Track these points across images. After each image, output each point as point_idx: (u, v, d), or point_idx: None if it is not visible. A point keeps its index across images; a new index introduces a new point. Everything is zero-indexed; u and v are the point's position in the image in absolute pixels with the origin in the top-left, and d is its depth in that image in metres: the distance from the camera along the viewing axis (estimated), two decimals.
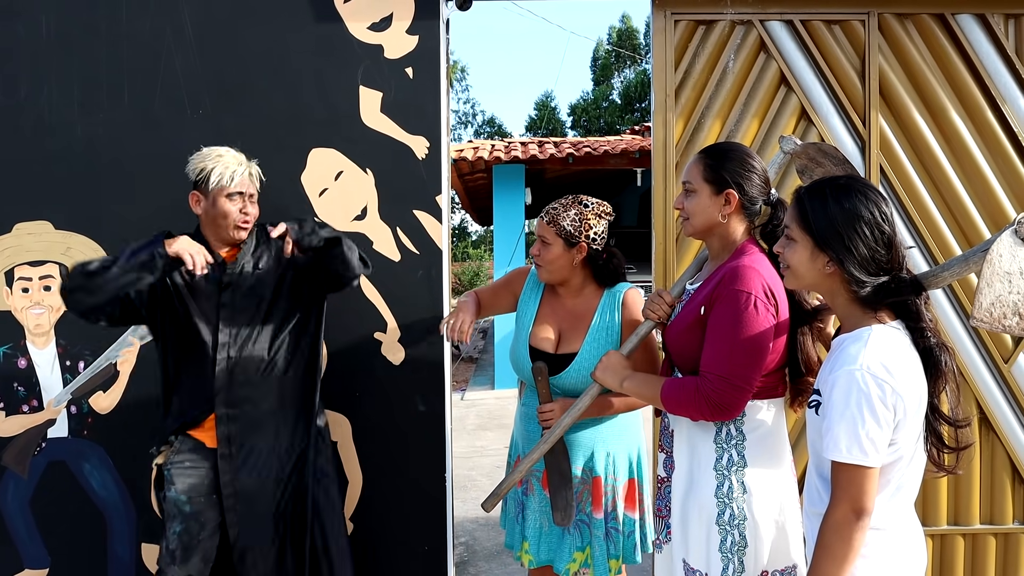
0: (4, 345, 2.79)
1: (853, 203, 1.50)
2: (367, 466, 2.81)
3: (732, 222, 1.83)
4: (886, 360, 1.44)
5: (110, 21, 2.77)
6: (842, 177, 1.62)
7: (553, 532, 2.37)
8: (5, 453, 2.80)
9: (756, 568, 1.72)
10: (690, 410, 1.73)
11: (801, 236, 1.55)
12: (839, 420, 1.43)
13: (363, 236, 2.78)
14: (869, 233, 1.49)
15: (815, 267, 1.54)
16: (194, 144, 2.73)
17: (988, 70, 2.94)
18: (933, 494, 2.98)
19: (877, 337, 1.47)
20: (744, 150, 1.89)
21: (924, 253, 2.95)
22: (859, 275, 1.48)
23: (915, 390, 1.47)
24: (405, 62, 2.77)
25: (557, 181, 10.74)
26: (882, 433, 1.42)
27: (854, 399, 1.42)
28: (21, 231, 2.78)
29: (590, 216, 2.34)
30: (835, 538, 1.43)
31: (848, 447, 1.41)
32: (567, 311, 2.42)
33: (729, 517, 1.72)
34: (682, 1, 2.91)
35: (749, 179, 1.81)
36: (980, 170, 2.95)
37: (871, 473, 1.42)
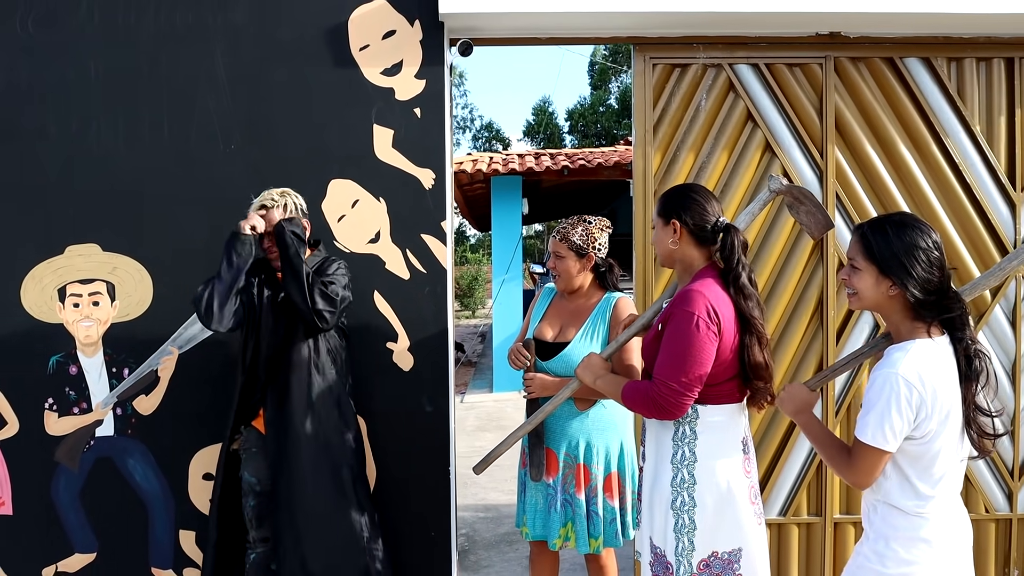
0: (57, 354, 3.13)
1: (912, 235, 1.78)
2: (380, 461, 3.16)
3: (685, 247, 2.14)
4: (920, 369, 1.71)
5: (151, 65, 3.11)
6: (897, 214, 1.92)
7: (544, 508, 2.75)
8: (58, 450, 3.14)
9: (706, 548, 2.03)
10: (641, 409, 2.07)
11: (866, 265, 1.84)
12: (872, 409, 1.73)
13: (376, 257, 3.13)
14: (926, 259, 1.76)
15: (879, 291, 1.82)
16: (226, 175, 3.10)
17: (933, 108, 3.29)
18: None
19: (918, 349, 1.75)
20: (689, 187, 2.21)
21: None
22: (919, 295, 1.77)
23: (945, 396, 1.75)
24: (414, 103, 3.12)
25: (554, 191, 11.10)
26: (903, 427, 1.72)
27: (886, 395, 1.71)
28: (72, 252, 3.13)
29: (594, 230, 2.78)
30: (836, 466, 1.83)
31: (874, 433, 1.72)
32: (569, 310, 2.85)
33: (680, 503, 2.05)
34: (659, 47, 3.26)
35: (690, 209, 2.12)
36: (926, 197, 3.30)
37: (884, 456, 1.74)
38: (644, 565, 2.16)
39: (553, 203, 12.56)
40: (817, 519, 3.32)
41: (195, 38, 3.10)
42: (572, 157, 9.18)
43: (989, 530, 3.38)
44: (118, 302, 3.13)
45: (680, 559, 2.03)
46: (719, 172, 3.29)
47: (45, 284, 3.12)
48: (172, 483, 3.15)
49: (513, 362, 2.79)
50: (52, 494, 3.13)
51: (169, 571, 3.16)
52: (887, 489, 1.80)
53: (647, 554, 2.15)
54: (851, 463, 1.79)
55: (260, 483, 2.76)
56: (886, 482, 1.80)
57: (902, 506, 1.78)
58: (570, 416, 2.72)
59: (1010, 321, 3.34)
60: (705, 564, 2.03)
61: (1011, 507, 3.37)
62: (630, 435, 2.80)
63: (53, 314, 3.12)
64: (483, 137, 34.95)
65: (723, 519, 2.04)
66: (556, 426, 2.73)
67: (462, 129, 35.70)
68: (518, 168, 8.96)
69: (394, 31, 3.10)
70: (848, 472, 1.81)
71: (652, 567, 2.12)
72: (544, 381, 2.71)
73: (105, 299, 3.13)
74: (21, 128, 3.09)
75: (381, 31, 3.10)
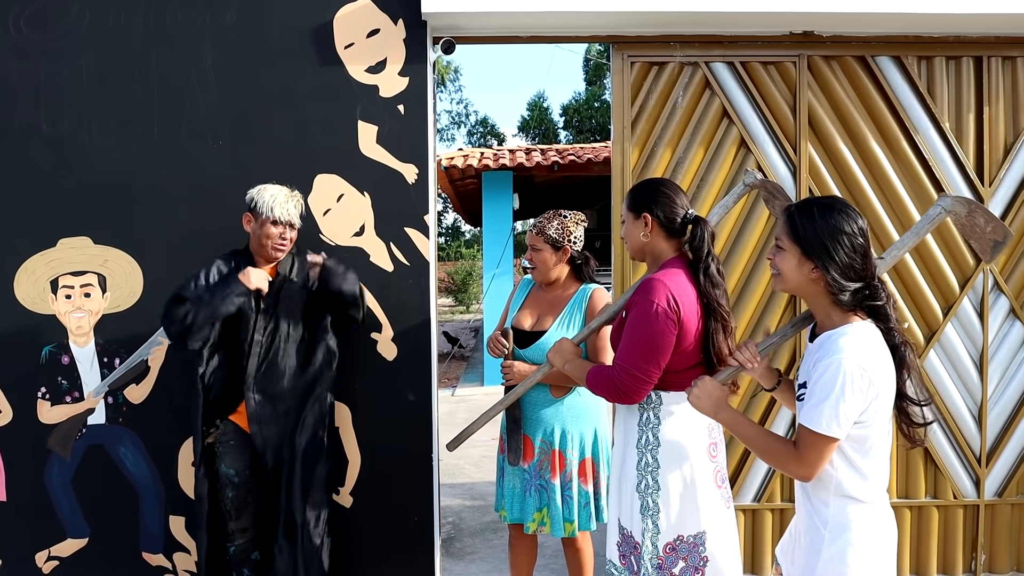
0: (50, 344, 3.21)
1: (837, 219, 1.75)
2: (365, 448, 3.25)
3: (656, 240, 2.22)
4: (866, 351, 1.68)
5: (142, 64, 3.19)
6: (826, 197, 1.89)
7: (520, 493, 2.85)
8: (50, 438, 3.22)
9: (670, 531, 2.09)
10: (603, 392, 2.15)
11: (790, 246, 1.83)
12: (824, 399, 1.67)
13: (361, 250, 3.22)
14: (849, 244, 1.73)
15: (802, 273, 1.78)
16: (215, 171, 3.18)
17: (903, 105, 3.39)
18: None
19: (857, 333, 1.71)
20: (658, 181, 2.28)
21: None
22: (840, 280, 1.73)
23: (888, 378, 1.76)
24: (397, 100, 3.20)
25: (545, 186, 11.17)
26: (855, 413, 1.71)
27: (840, 383, 1.66)
28: (64, 245, 3.21)
29: (570, 224, 2.87)
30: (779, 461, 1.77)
31: (828, 422, 1.66)
32: (546, 301, 2.94)
33: (644, 487, 2.12)
34: (637, 45, 3.35)
35: (660, 202, 2.19)
36: (897, 192, 3.40)
37: (834, 444, 1.72)
38: (612, 545, 2.25)
39: (545, 198, 12.64)
40: (790, 505, 3.42)
41: (185, 37, 3.18)
42: (563, 153, 9.26)
43: (957, 516, 3.49)
44: (109, 293, 3.21)
45: (645, 540, 2.10)
46: (695, 167, 3.38)
47: (38, 276, 3.20)
48: (162, 470, 3.23)
49: (492, 350, 2.90)
50: (45, 481, 3.21)
51: (159, 555, 3.25)
52: (838, 480, 1.77)
53: (615, 534, 2.23)
54: (800, 455, 1.73)
55: (238, 475, 2.81)
56: (836, 473, 1.76)
57: (855, 494, 1.75)
58: (546, 404, 2.81)
59: (978, 313, 3.43)
60: (671, 547, 2.09)
61: (978, 493, 3.47)
62: (604, 422, 2.89)
63: (46, 305, 3.20)
64: (478, 132, 34.98)
65: (686, 503, 2.10)
66: (532, 414, 2.82)
67: (457, 124, 35.71)
68: (509, 164, 9.04)
69: (378, 30, 3.18)
70: (796, 464, 1.75)
71: (620, 547, 2.20)
72: (521, 368, 2.80)
73: (96, 291, 3.21)
74: (14, 125, 3.17)
75: (365, 30, 3.18)
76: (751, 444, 1.85)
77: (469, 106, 43.81)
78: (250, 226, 2.88)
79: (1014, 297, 3.43)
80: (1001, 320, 3.45)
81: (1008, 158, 3.40)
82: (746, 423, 1.87)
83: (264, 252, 2.86)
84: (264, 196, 2.83)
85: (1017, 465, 3.47)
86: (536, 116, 31.70)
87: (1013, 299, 3.43)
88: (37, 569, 3.23)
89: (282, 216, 2.82)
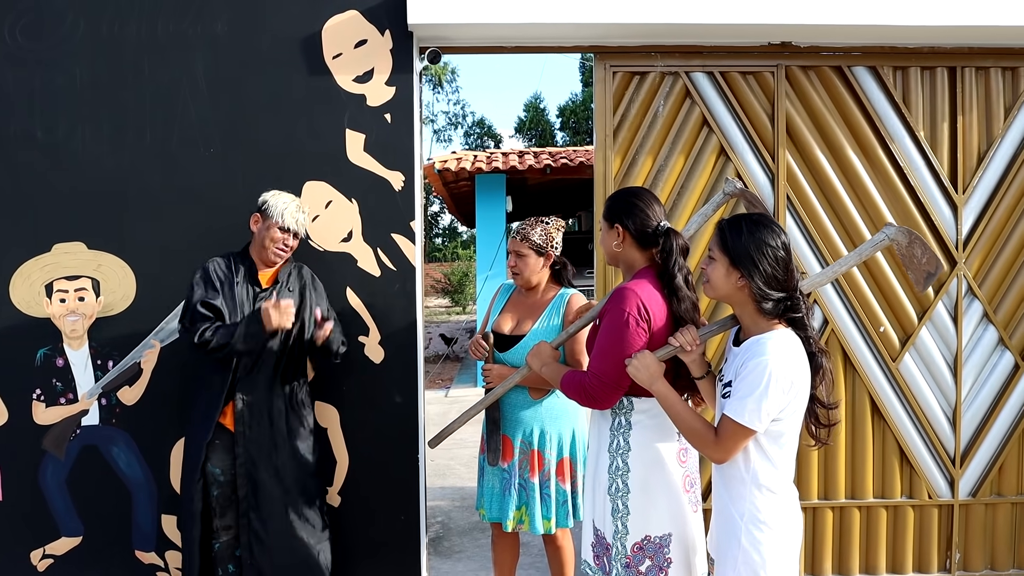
0: (44, 347, 3.29)
1: (762, 233, 1.93)
2: (352, 449, 3.32)
3: (629, 250, 2.29)
4: (789, 356, 1.90)
5: (135, 72, 3.26)
6: (756, 213, 2.07)
7: (499, 492, 2.94)
8: (45, 438, 3.29)
9: (639, 531, 2.17)
10: (576, 397, 2.22)
11: (720, 256, 2.00)
12: (749, 394, 1.86)
13: (349, 255, 3.29)
14: (772, 257, 1.91)
15: (729, 281, 1.98)
16: (206, 177, 3.26)
17: (879, 114, 3.47)
18: (833, 470, 3.52)
19: (781, 338, 1.91)
20: (632, 192, 2.34)
21: (823, 267, 3.47)
22: (764, 289, 1.93)
23: (805, 381, 1.94)
24: (384, 109, 3.28)
25: (539, 188, 11.25)
26: (774, 410, 1.88)
27: (764, 381, 1.84)
28: (59, 250, 3.28)
29: (552, 230, 2.96)
30: (699, 441, 1.97)
31: (750, 416, 1.86)
32: (526, 305, 3.03)
33: (615, 490, 2.20)
34: (619, 55, 3.43)
35: (632, 214, 2.26)
36: (873, 199, 3.48)
37: (750, 435, 1.90)
38: (587, 545, 2.32)
39: (539, 201, 12.72)
40: (851, 502, 3.53)
41: (177, 47, 3.25)
42: (556, 156, 9.34)
43: (932, 515, 3.57)
44: (103, 297, 3.29)
45: (616, 542, 2.18)
46: (676, 175, 3.46)
47: (33, 280, 3.27)
48: (154, 470, 3.30)
49: (473, 352, 2.97)
50: (39, 481, 3.29)
51: (152, 554, 3.32)
52: (754, 471, 1.94)
53: (589, 535, 2.31)
54: (718, 440, 1.93)
55: (223, 473, 2.88)
56: (753, 464, 1.94)
57: (768, 484, 1.94)
58: (525, 405, 2.89)
59: (952, 317, 3.52)
60: (638, 547, 2.17)
61: (953, 493, 3.56)
62: (582, 422, 2.97)
63: (40, 309, 3.28)
64: (474, 134, 35.04)
65: (654, 505, 2.17)
66: (512, 414, 2.91)
67: (453, 125, 35.78)
68: (502, 167, 9.12)
69: (365, 40, 3.26)
70: (712, 448, 1.94)
71: (594, 548, 2.28)
72: (501, 371, 2.88)
73: (90, 294, 3.28)
74: (9, 133, 3.24)
75: (353, 40, 3.26)
76: (677, 420, 2.03)
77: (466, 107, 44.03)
78: (256, 226, 2.96)
79: (987, 301, 3.51)
80: (975, 324, 3.54)
81: (981, 166, 3.49)
82: (677, 400, 2.05)
83: (264, 255, 2.95)
84: (277, 201, 2.93)
85: (991, 466, 3.56)
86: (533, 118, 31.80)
87: (986, 303, 3.51)
88: (32, 567, 3.31)
89: (290, 224, 2.92)
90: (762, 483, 1.94)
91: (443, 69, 35.15)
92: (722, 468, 2.03)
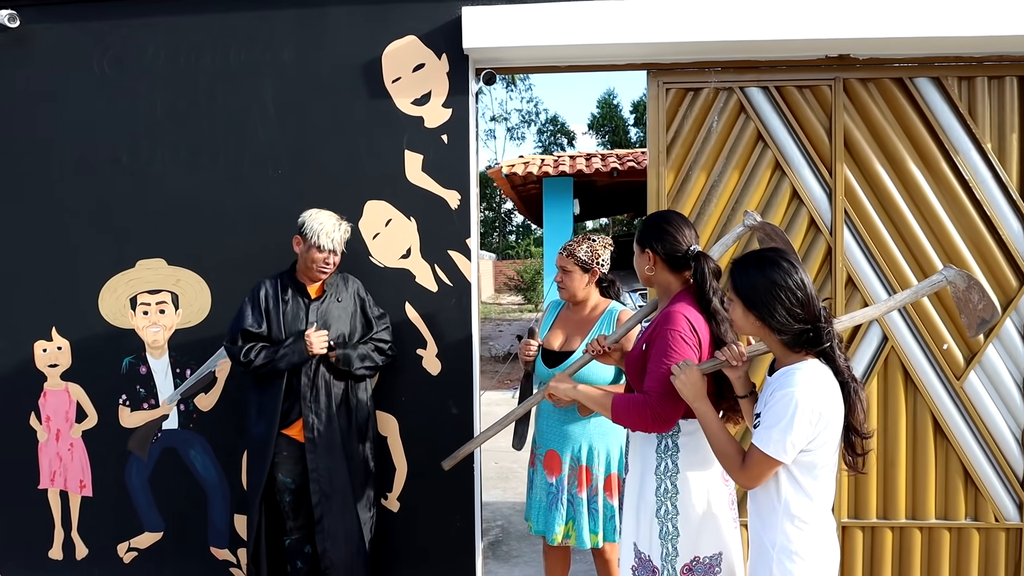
0: (129, 356, 3.54)
1: (770, 273, 1.91)
2: (411, 457, 3.47)
3: (661, 273, 2.33)
4: (817, 387, 1.91)
5: (208, 99, 3.48)
6: (768, 249, 2.06)
7: (545, 506, 3.02)
8: (130, 440, 3.55)
9: (688, 553, 2.21)
10: (635, 421, 2.21)
11: (735, 298, 2.03)
12: (775, 424, 1.87)
13: (408, 271, 3.43)
14: (785, 297, 1.90)
15: (748, 321, 2.01)
16: (273, 197, 3.44)
17: (943, 126, 3.38)
18: (892, 489, 3.45)
19: (809, 370, 1.93)
20: (664, 217, 2.37)
21: (885, 286, 3.42)
22: (781, 328, 1.94)
23: (836, 412, 1.94)
24: (441, 130, 3.40)
25: (607, 189, 11.25)
26: (802, 442, 1.90)
27: (790, 413, 1.85)
28: (141, 266, 3.53)
29: (598, 248, 3.03)
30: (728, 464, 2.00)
31: (776, 447, 1.89)
32: (575, 321, 3.09)
33: (664, 512, 2.23)
34: (673, 72, 3.45)
35: (662, 239, 2.30)
36: (936, 214, 3.39)
37: (776, 466, 1.92)
38: (626, 570, 2.37)
39: (607, 202, 12.70)
40: (913, 522, 3.47)
41: (247, 74, 3.45)
42: (623, 159, 9.33)
43: (999, 539, 3.46)
44: (181, 310, 3.52)
45: (665, 564, 2.22)
46: (730, 191, 3.46)
47: (119, 294, 3.53)
48: (228, 472, 3.52)
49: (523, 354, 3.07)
50: (125, 479, 3.55)
51: (225, 550, 3.55)
52: (786, 501, 1.95)
53: (630, 559, 2.35)
54: (745, 467, 1.95)
55: (294, 482, 3.09)
56: (785, 495, 1.95)
57: (801, 515, 1.94)
58: (574, 421, 2.97)
59: (1021, 335, 3.40)
60: (688, 568, 2.21)
61: (1021, 516, 3.44)
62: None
63: (126, 320, 3.53)
64: (547, 131, 35.15)
65: (704, 526, 2.21)
66: (560, 431, 2.98)
67: (527, 123, 35.97)
68: (568, 170, 9.17)
69: (423, 64, 3.38)
70: (739, 473, 1.96)
71: (635, 572, 2.32)
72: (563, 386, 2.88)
73: (170, 307, 3.52)
74: (97, 158, 3.51)
75: (412, 64, 3.39)
76: (712, 440, 2.05)
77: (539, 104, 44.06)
78: (299, 248, 3.13)
79: None
80: None
81: None
82: (716, 419, 2.07)
83: (309, 273, 3.13)
84: (314, 224, 3.07)
85: None
86: (605, 114, 31.65)
87: None
88: (119, 559, 3.58)
89: (327, 244, 3.07)
90: (794, 513, 1.95)
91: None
92: (755, 496, 2.05)
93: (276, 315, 3.09)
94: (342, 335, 3.13)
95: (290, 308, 3.11)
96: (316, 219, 3.09)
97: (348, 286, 3.24)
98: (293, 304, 3.12)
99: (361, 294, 3.26)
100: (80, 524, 3.59)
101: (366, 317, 3.24)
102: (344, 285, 3.23)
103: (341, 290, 3.21)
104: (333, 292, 3.18)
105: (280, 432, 3.07)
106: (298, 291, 3.15)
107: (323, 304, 3.14)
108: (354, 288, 3.26)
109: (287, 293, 3.13)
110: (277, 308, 3.10)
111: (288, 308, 3.11)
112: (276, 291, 3.13)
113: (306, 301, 3.14)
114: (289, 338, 3.03)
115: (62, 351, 3.56)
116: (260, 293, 3.12)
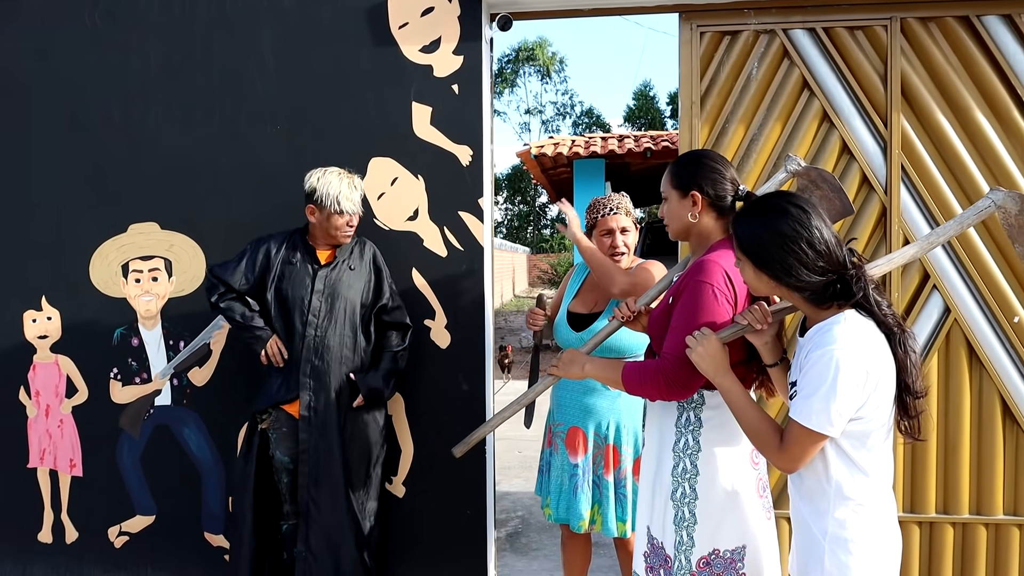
0: (121, 326, 3.32)
1: (776, 224, 1.63)
2: (417, 436, 3.19)
3: (704, 220, 2.00)
4: (861, 341, 1.58)
5: (203, 52, 3.24)
6: (770, 195, 1.74)
7: (568, 491, 2.69)
8: (121, 417, 3.33)
9: (707, 544, 1.88)
10: (648, 388, 1.90)
11: (743, 257, 1.72)
12: (814, 392, 1.55)
13: (415, 234, 3.15)
14: (799, 250, 1.60)
15: (763, 282, 1.70)
16: (273, 155, 3.19)
17: (1015, 70, 2.99)
18: (954, 481, 3.08)
19: (850, 323, 1.59)
20: (704, 154, 2.05)
21: (947, 249, 3.05)
22: (800, 285, 1.63)
23: (886, 367, 1.61)
24: (451, 79, 3.11)
25: (641, 173, 10.87)
26: (849, 409, 1.57)
27: (831, 376, 1.54)
28: (134, 231, 3.30)
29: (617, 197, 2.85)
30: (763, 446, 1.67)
31: (819, 418, 1.54)
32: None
33: (681, 495, 1.91)
34: (707, 13, 3.11)
35: (710, 178, 1.97)
36: (1006, 168, 3.01)
37: (822, 442, 1.59)
38: (638, 555, 2.05)
39: (641, 186, 12.29)
40: (976, 518, 3.10)
41: (244, 23, 3.20)
42: (657, 139, 8.96)
43: None
44: (175, 278, 3.29)
45: (679, 553, 1.91)
46: (772, 144, 3.12)
47: (110, 261, 3.31)
48: (223, 451, 3.28)
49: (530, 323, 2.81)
50: (116, 458, 3.33)
51: (220, 536, 3.30)
52: (837, 483, 1.62)
53: (642, 543, 2.04)
54: (784, 447, 1.62)
55: (292, 461, 2.84)
56: (835, 475, 1.63)
57: (856, 496, 1.62)
58: (600, 394, 2.65)
59: None
60: (705, 562, 1.89)
61: None
62: None
63: (117, 289, 3.31)
64: (583, 123, 34.71)
65: (727, 514, 1.89)
66: (583, 404, 2.67)
67: (562, 115, 35.57)
68: (599, 151, 8.82)
69: (432, 8, 3.10)
70: (778, 455, 1.64)
71: (647, 558, 2.01)
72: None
73: (163, 275, 3.29)
74: (88, 116, 3.29)
75: (420, 8, 3.10)
76: (742, 419, 1.74)
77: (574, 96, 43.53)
78: (315, 217, 2.85)
79: None
80: None
81: None
82: (744, 395, 1.75)
83: (329, 239, 2.89)
84: (328, 189, 2.80)
85: None
86: (642, 105, 31.13)
87: None
88: (109, 543, 3.36)
89: (348, 208, 2.82)
90: (847, 495, 1.61)
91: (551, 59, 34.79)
92: (799, 479, 1.71)
93: (279, 275, 2.87)
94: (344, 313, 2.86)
95: (297, 272, 2.86)
96: (327, 183, 2.81)
97: (364, 253, 2.96)
98: (301, 268, 2.86)
99: (378, 263, 2.97)
100: (70, 505, 3.38)
101: (379, 293, 2.94)
102: (360, 252, 2.95)
103: (355, 257, 2.93)
104: (346, 259, 2.91)
105: (280, 406, 2.83)
106: (307, 254, 2.90)
107: (333, 271, 2.87)
108: (370, 255, 2.97)
109: (295, 255, 2.88)
110: (281, 269, 2.87)
111: (296, 272, 2.86)
112: (285, 249, 2.90)
113: (315, 267, 2.87)
114: (264, 329, 2.85)
115: (52, 321, 3.35)
116: (261, 250, 2.88)
